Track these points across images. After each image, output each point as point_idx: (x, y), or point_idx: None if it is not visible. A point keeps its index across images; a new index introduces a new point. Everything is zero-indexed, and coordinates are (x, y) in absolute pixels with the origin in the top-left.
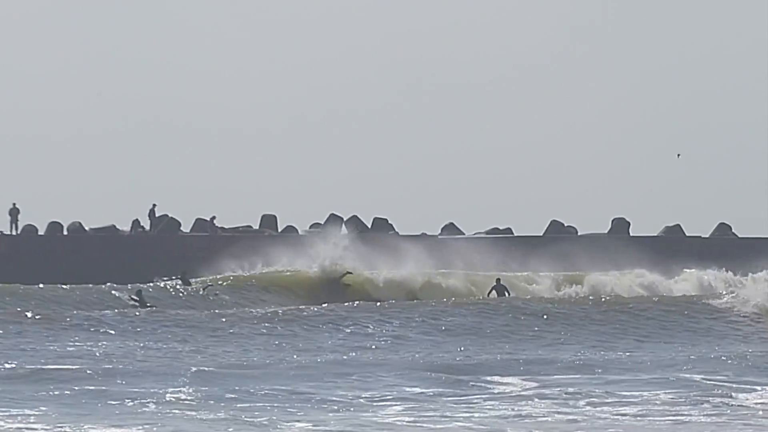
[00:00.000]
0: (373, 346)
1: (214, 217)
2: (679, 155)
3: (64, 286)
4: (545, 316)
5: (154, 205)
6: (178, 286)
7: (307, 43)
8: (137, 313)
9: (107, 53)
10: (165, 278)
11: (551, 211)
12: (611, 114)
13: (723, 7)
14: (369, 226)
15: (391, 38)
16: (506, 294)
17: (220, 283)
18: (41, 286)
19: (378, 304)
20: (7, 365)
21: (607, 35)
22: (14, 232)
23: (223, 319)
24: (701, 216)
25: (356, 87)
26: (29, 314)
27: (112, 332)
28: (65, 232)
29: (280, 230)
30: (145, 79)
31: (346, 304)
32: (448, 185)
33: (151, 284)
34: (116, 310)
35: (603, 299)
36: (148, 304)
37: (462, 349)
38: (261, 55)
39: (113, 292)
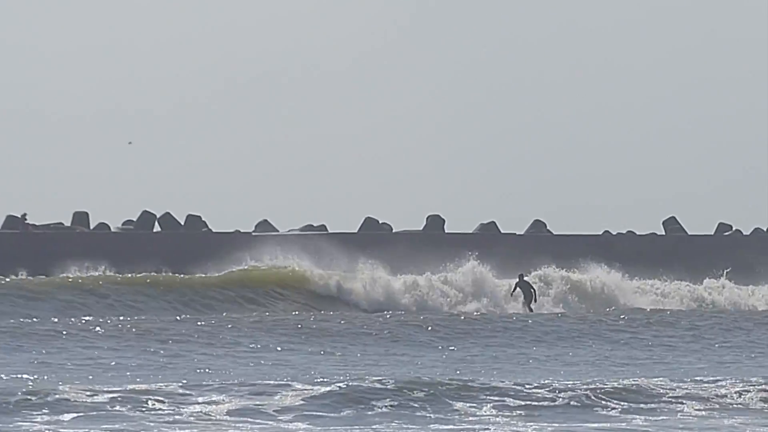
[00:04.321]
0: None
1: (25, 215)
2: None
3: None
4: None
5: None
6: None
7: (126, 34)
8: None
9: None
10: None
11: (365, 208)
12: (425, 109)
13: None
14: (182, 223)
15: (207, 33)
16: (532, 291)
17: None
18: None
19: None
20: None
21: (420, 29)
22: None
23: None
24: (516, 213)
25: (168, 81)
26: None
27: None
28: None
29: (92, 227)
30: None
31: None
32: (262, 182)
33: None
34: None
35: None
36: None
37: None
38: (76, 42)
39: None
